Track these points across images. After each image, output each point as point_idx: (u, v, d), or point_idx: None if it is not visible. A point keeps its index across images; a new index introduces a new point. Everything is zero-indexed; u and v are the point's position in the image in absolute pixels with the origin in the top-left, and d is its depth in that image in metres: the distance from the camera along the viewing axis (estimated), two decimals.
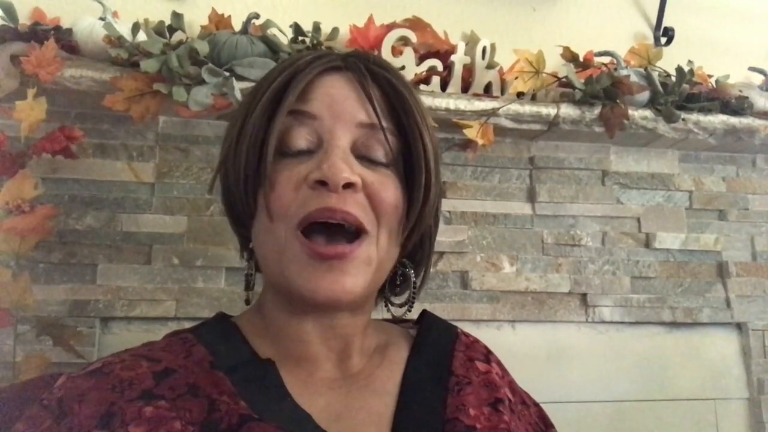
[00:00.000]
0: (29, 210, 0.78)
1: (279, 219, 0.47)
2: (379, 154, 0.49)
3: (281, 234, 0.47)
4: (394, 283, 0.55)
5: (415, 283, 0.55)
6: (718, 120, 1.03)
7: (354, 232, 0.47)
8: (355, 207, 0.46)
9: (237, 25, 0.93)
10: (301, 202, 0.46)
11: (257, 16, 0.89)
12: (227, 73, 0.83)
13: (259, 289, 0.55)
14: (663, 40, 1.20)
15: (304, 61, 0.50)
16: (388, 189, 0.48)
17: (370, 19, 1.02)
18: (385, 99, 0.50)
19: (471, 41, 1.05)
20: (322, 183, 0.45)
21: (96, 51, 0.85)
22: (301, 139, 0.48)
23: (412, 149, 0.50)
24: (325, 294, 0.45)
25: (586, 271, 1.05)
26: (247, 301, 0.56)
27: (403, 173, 0.50)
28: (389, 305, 0.56)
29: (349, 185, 0.46)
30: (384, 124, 0.48)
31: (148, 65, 0.80)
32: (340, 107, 0.48)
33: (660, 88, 1.00)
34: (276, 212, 0.47)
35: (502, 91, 1.01)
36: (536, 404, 0.61)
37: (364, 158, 0.49)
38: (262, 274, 0.53)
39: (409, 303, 0.56)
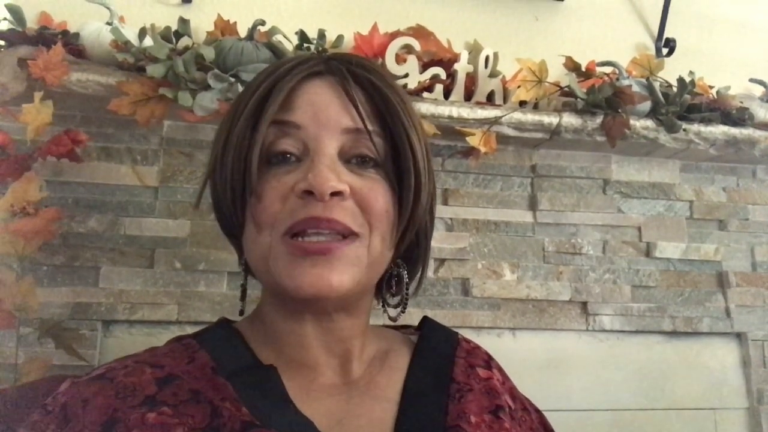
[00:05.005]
0: (34, 212, 0.78)
1: (266, 229, 0.47)
2: (367, 158, 0.49)
3: (267, 241, 0.47)
4: (389, 284, 0.55)
5: (407, 284, 0.55)
6: (719, 130, 1.04)
7: (345, 235, 0.47)
8: (343, 214, 0.46)
9: (243, 32, 0.94)
10: (288, 212, 0.46)
11: (263, 23, 0.90)
12: (233, 79, 0.84)
13: (256, 293, 0.56)
14: (664, 50, 1.21)
15: (285, 69, 0.49)
16: (378, 194, 0.48)
17: (375, 27, 1.02)
18: (370, 101, 0.49)
19: (474, 50, 1.06)
20: (309, 192, 0.45)
21: (103, 55, 0.86)
22: (287, 149, 0.48)
23: (399, 151, 0.49)
24: (310, 289, 0.45)
25: (587, 280, 1.05)
26: (241, 312, 0.56)
27: (394, 174, 0.50)
28: (386, 306, 0.56)
29: (336, 193, 0.45)
30: (369, 127, 0.48)
31: (155, 70, 0.81)
32: (324, 114, 0.48)
33: (661, 98, 1.01)
34: (263, 223, 0.47)
35: (505, 100, 1.02)
36: (537, 410, 0.61)
37: (352, 164, 0.48)
38: (258, 280, 0.53)
39: (402, 305, 0.55)
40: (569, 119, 0.98)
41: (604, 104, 0.98)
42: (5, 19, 0.86)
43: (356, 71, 0.50)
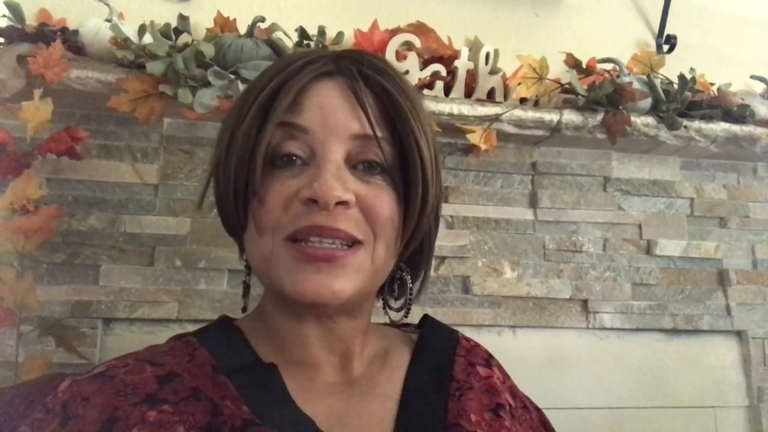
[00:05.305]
0: (34, 210, 0.78)
1: (267, 232, 0.46)
2: (374, 165, 0.48)
3: (269, 245, 0.46)
4: (392, 288, 0.55)
5: (411, 289, 0.54)
6: (720, 128, 1.04)
7: (349, 243, 0.46)
8: (347, 223, 0.45)
9: (242, 28, 0.94)
10: (291, 218, 0.45)
11: (263, 20, 0.90)
12: (233, 76, 0.83)
13: (258, 291, 0.56)
14: (665, 47, 1.21)
15: (294, 68, 0.47)
16: (383, 202, 0.47)
17: (375, 24, 1.02)
18: (380, 106, 0.48)
19: (474, 47, 1.06)
20: (314, 201, 0.44)
21: (102, 52, 0.86)
22: (293, 152, 0.47)
23: (408, 158, 0.48)
24: (312, 296, 0.45)
25: (587, 278, 1.05)
26: (244, 309, 0.56)
27: (400, 181, 0.49)
28: (387, 309, 0.56)
29: (341, 203, 0.45)
30: (378, 133, 0.47)
31: (154, 67, 0.81)
32: (333, 119, 0.46)
33: (662, 95, 1.01)
34: (264, 226, 0.46)
35: (505, 97, 1.02)
36: (537, 409, 0.61)
37: (358, 170, 0.47)
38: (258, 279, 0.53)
39: (405, 309, 0.55)
40: (570, 116, 0.98)
41: (604, 101, 0.97)
42: (4, 15, 0.85)
43: (367, 73, 0.48)
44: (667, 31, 1.20)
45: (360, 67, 0.49)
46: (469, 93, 1.00)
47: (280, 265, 0.46)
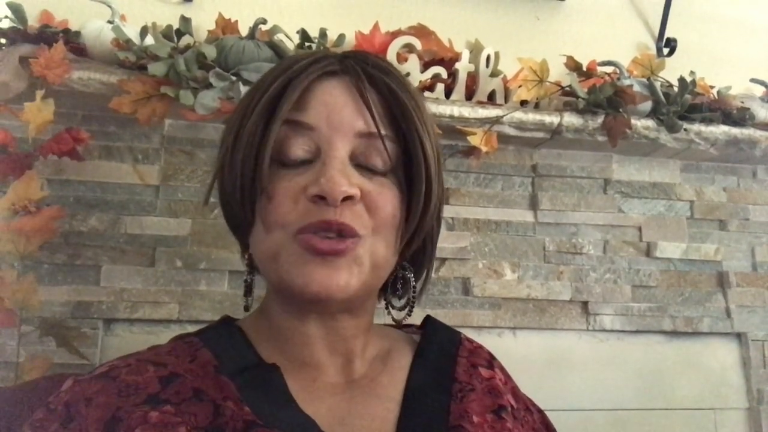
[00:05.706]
0: (35, 211, 0.78)
1: (276, 229, 0.47)
2: (378, 162, 0.48)
3: (278, 240, 0.47)
4: (395, 286, 0.55)
5: (414, 287, 0.55)
6: (720, 130, 1.04)
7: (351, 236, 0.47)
8: (353, 218, 0.46)
9: (244, 30, 0.94)
10: (299, 214, 0.46)
11: (264, 22, 0.90)
12: (234, 78, 0.84)
13: (261, 292, 0.56)
14: (665, 50, 1.21)
15: (300, 66, 0.48)
16: (386, 198, 0.48)
17: (376, 26, 1.02)
18: (384, 104, 0.49)
19: (475, 49, 1.06)
20: (321, 197, 0.45)
21: (104, 54, 0.86)
22: (299, 149, 0.47)
23: (411, 157, 0.49)
24: (318, 289, 0.45)
25: (588, 279, 1.05)
26: (246, 308, 0.56)
27: (404, 179, 0.49)
28: (390, 308, 0.56)
29: (347, 198, 0.45)
30: (383, 131, 0.47)
31: (156, 68, 0.81)
32: (338, 117, 0.47)
33: (662, 98, 1.01)
34: (273, 223, 0.47)
35: (506, 99, 1.02)
36: (540, 411, 0.61)
37: (362, 167, 0.48)
38: (263, 277, 0.53)
39: (409, 307, 0.55)
40: (570, 119, 0.98)
41: (605, 104, 0.98)
42: (7, 17, 0.86)
43: (372, 72, 0.49)
44: (668, 34, 1.21)
45: (365, 67, 0.49)
46: (469, 95, 1.01)
47: (289, 259, 0.46)
